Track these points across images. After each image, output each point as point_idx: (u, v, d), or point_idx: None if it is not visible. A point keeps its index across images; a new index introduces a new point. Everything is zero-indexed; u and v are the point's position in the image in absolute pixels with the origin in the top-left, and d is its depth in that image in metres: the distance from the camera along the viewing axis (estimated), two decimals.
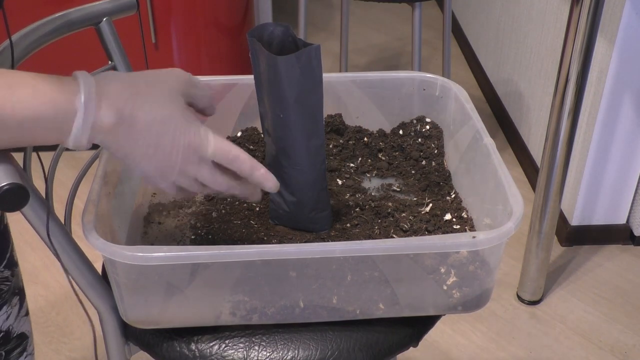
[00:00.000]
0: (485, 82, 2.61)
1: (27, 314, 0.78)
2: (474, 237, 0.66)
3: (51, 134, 0.57)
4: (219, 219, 0.82)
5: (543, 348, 1.56)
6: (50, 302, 1.66)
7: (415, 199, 0.87)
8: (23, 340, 0.77)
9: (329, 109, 0.97)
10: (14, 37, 0.76)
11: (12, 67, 0.71)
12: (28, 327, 0.78)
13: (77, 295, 0.70)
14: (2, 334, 0.73)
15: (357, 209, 0.83)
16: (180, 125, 0.62)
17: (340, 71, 2.27)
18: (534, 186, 1.91)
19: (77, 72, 0.59)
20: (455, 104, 0.91)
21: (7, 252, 0.73)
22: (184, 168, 0.63)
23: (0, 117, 0.54)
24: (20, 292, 0.76)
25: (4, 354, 0.74)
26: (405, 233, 0.79)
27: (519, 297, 1.69)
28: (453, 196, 0.87)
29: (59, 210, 0.73)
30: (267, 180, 0.68)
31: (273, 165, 0.78)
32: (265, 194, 0.86)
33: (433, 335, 1.57)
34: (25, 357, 0.78)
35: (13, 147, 0.58)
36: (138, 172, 0.64)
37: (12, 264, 0.74)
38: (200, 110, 0.71)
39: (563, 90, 1.41)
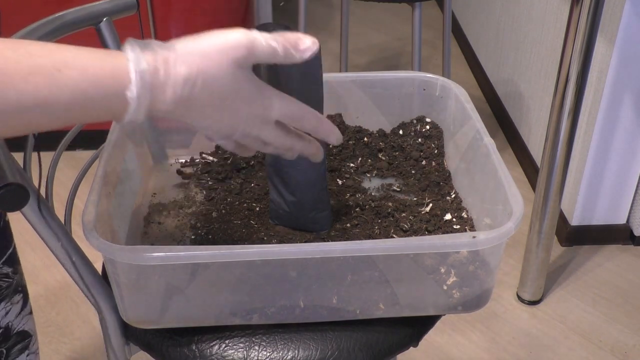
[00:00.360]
0: (485, 82, 2.61)
1: (30, 313, 0.78)
2: (474, 237, 0.66)
3: (103, 116, 0.54)
4: (219, 219, 0.82)
5: (543, 348, 1.56)
6: (50, 302, 1.66)
7: (415, 199, 0.87)
8: (25, 338, 0.77)
9: (329, 109, 0.97)
10: (14, 37, 0.76)
11: None
12: (31, 326, 0.78)
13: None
14: (1, 330, 0.73)
15: (357, 209, 0.83)
16: (242, 99, 0.59)
17: (340, 71, 2.27)
18: (534, 186, 1.91)
19: (128, 47, 0.54)
20: (456, 104, 0.91)
21: (7, 248, 0.73)
22: (246, 130, 0.61)
23: (45, 101, 0.49)
24: (23, 290, 0.76)
25: (4, 351, 0.74)
26: (405, 233, 0.79)
27: (519, 297, 1.69)
28: (453, 196, 0.87)
29: (59, 210, 0.73)
30: (332, 132, 0.66)
31: (273, 165, 0.78)
32: (265, 193, 0.86)
33: (433, 335, 1.57)
34: (28, 356, 0.78)
35: (63, 126, 0.54)
36: (199, 130, 0.61)
37: (14, 262, 0.74)
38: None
39: (563, 90, 1.41)
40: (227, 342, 0.74)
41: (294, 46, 0.61)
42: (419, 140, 0.96)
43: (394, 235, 0.79)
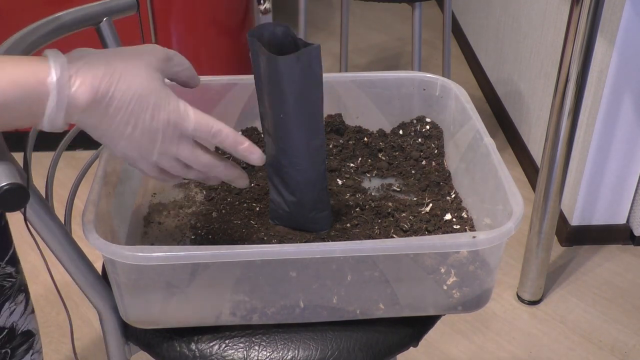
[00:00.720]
0: (485, 82, 2.61)
1: (32, 311, 0.78)
2: (474, 237, 0.66)
3: (25, 118, 0.55)
4: (219, 219, 0.82)
5: (543, 348, 1.56)
6: (50, 302, 1.66)
7: (415, 199, 0.87)
8: (29, 337, 0.77)
9: (329, 109, 0.97)
10: (14, 37, 0.76)
11: None
12: (34, 325, 0.78)
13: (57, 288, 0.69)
14: (6, 330, 0.73)
15: (357, 209, 0.83)
16: (159, 100, 0.60)
17: (340, 71, 2.27)
18: (534, 186, 1.91)
19: (48, 50, 0.57)
20: (456, 104, 0.91)
21: (9, 248, 0.73)
22: (163, 146, 0.61)
23: None
24: (25, 289, 0.76)
25: (9, 351, 0.74)
26: (406, 233, 0.79)
27: (519, 297, 1.69)
28: (453, 196, 0.87)
29: (59, 210, 0.73)
30: (252, 152, 0.66)
31: (273, 165, 0.78)
32: (265, 193, 0.86)
33: (433, 335, 1.57)
34: (32, 355, 0.78)
35: None
36: (118, 153, 0.62)
37: (16, 261, 0.74)
38: (184, 83, 0.69)
39: (563, 90, 1.41)
40: (227, 342, 0.74)
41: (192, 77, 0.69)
42: (419, 140, 0.96)
43: (394, 235, 0.79)
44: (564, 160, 1.48)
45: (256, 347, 0.73)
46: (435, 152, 0.94)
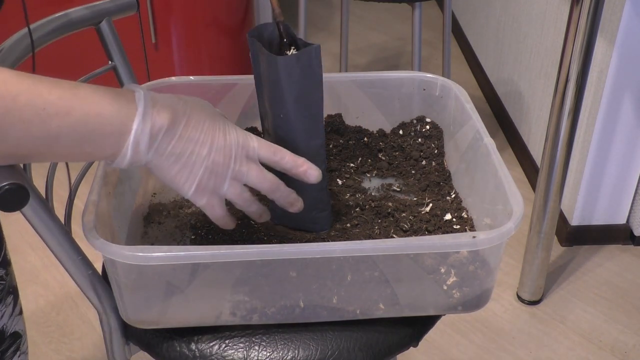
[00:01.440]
0: (485, 82, 2.61)
1: (20, 312, 0.78)
2: (474, 237, 0.66)
3: (110, 138, 0.59)
4: None
5: (543, 348, 1.56)
6: (50, 302, 1.66)
7: (415, 199, 0.87)
8: (17, 339, 0.77)
9: (329, 109, 0.97)
10: (14, 37, 0.76)
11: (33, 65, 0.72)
12: (22, 326, 0.78)
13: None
14: None
15: (357, 209, 0.83)
16: (226, 123, 0.66)
17: (340, 71, 2.27)
18: (534, 186, 1.91)
19: (130, 84, 0.64)
20: (456, 104, 0.91)
21: (1, 251, 0.73)
22: (236, 166, 0.65)
23: (66, 110, 0.56)
24: (14, 291, 0.76)
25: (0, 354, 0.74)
26: (406, 233, 0.79)
27: (519, 297, 1.69)
28: (453, 196, 0.87)
29: (59, 210, 0.73)
30: (311, 169, 0.69)
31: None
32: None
33: (433, 335, 1.57)
34: (20, 357, 0.78)
35: (67, 159, 0.62)
36: (191, 190, 0.66)
37: (6, 263, 0.74)
38: None
39: (563, 90, 1.41)
40: (227, 342, 0.74)
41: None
42: (419, 140, 0.96)
43: (394, 235, 0.79)
44: (564, 160, 1.48)
45: (256, 347, 0.74)
46: (435, 152, 0.94)
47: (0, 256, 0.72)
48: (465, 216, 0.82)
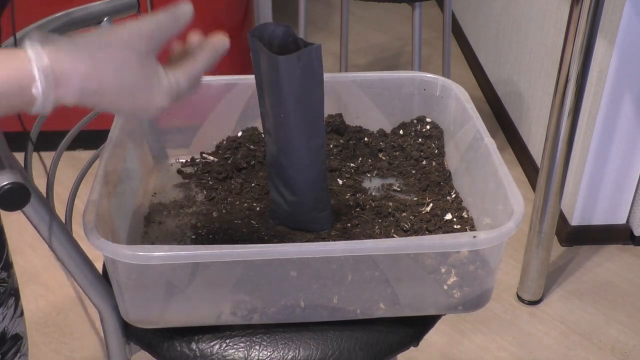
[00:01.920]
0: (485, 82, 2.61)
1: (21, 314, 0.78)
2: (474, 236, 0.66)
3: (14, 108, 0.53)
4: (219, 219, 0.82)
5: (543, 348, 1.56)
6: (50, 302, 1.66)
7: (415, 198, 0.87)
8: (17, 341, 0.77)
9: (329, 109, 0.97)
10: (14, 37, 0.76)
11: None
12: (22, 327, 0.78)
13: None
14: None
15: (358, 209, 0.83)
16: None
17: (340, 71, 2.27)
18: (534, 186, 1.91)
19: (27, 43, 0.54)
20: (456, 104, 0.92)
21: (3, 253, 0.73)
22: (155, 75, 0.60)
23: None
24: (15, 293, 0.76)
25: (0, 356, 0.74)
26: (406, 233, 0.79)
27: (519, 297, 1.69)
28: (453, 196, 0.87)
29: (60, 210, 0.73)
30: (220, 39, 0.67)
31: (274, 165, 0.78)
32: (265, 193, 0.86)
33: (433, 335, 1.57)
34: (19, 358, 0.78)
35: None
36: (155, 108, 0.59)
37: (8, 265, 0.74)
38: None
39: (563, 90, 1.41)
40: (227, 341, 0.74)
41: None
42: (419, 140, 0.96)
43: (395, 235, 0.79)
44: (564, 160, 1.48)
45: (257, 347, 0.74)
46: (436, 152, 0.94)
47: (2, 259, 0.72)
48: (466, 216, 0.82)
